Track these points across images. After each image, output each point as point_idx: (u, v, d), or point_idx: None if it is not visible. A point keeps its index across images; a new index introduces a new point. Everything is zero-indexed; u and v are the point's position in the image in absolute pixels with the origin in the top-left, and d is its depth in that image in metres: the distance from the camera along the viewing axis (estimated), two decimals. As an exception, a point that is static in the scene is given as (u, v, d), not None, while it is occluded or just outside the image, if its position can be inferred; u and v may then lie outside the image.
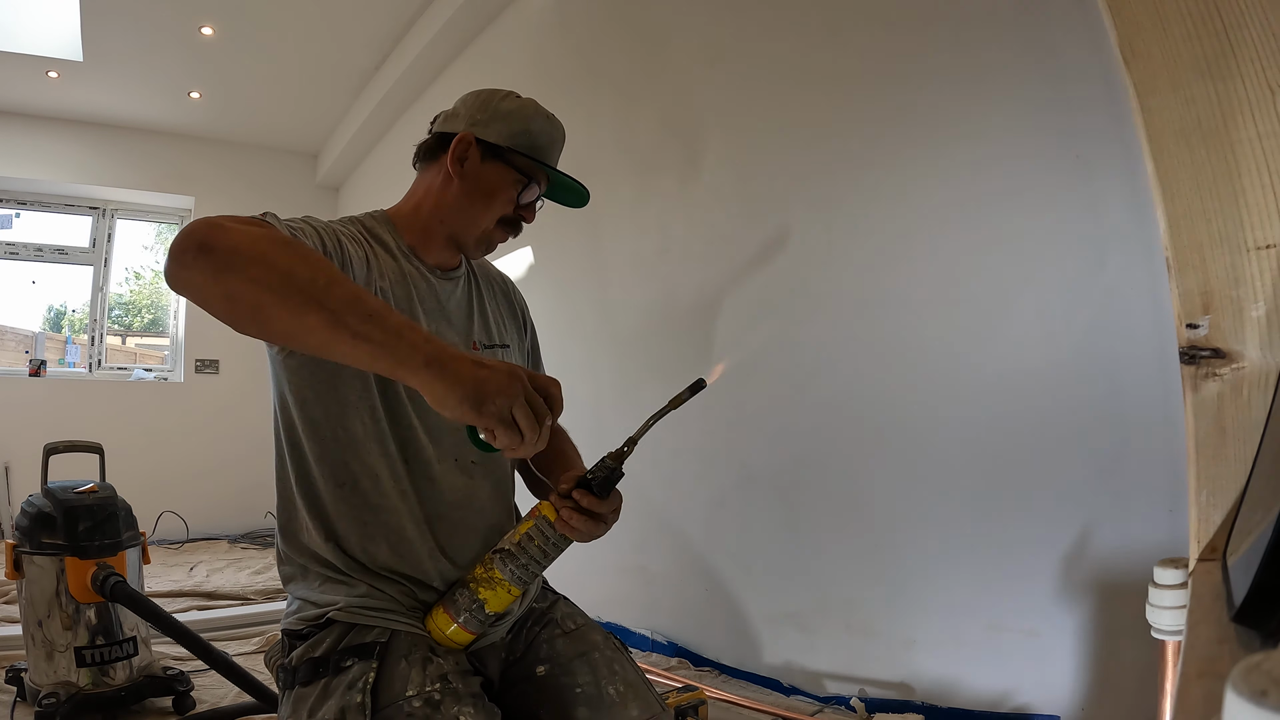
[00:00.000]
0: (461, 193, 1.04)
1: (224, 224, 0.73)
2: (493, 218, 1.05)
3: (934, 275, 1.67)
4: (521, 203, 1.07)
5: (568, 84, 2.92)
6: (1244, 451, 0.66)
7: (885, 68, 1.78)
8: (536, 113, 1.07)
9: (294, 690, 0.91)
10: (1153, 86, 0.71)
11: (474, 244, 1.07)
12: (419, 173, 1.10)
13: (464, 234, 1.06)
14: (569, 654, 1.01)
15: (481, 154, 1.03)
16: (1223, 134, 0.68)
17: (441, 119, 1.09)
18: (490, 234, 1.07)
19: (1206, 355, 0.68)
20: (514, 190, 1.05)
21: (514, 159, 1.04)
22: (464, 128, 1.04)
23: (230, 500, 4.76)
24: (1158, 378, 1.29)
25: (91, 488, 1.83)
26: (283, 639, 0.98)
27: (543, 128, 1.06)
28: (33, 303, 5.01)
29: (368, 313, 0.69)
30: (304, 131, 5.09)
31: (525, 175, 1.05)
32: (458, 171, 1.03)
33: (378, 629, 0.91)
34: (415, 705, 0.85)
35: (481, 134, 1.03)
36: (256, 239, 0.71)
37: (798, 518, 1.94)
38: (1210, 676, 0.40)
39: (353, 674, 0.87)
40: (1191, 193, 0.69)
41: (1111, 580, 1.36)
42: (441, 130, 1.06)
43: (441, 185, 1.05)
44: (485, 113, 1.05)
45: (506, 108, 1.05)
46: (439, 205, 1.05)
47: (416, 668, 0.88)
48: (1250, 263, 0.67)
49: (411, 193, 1.09)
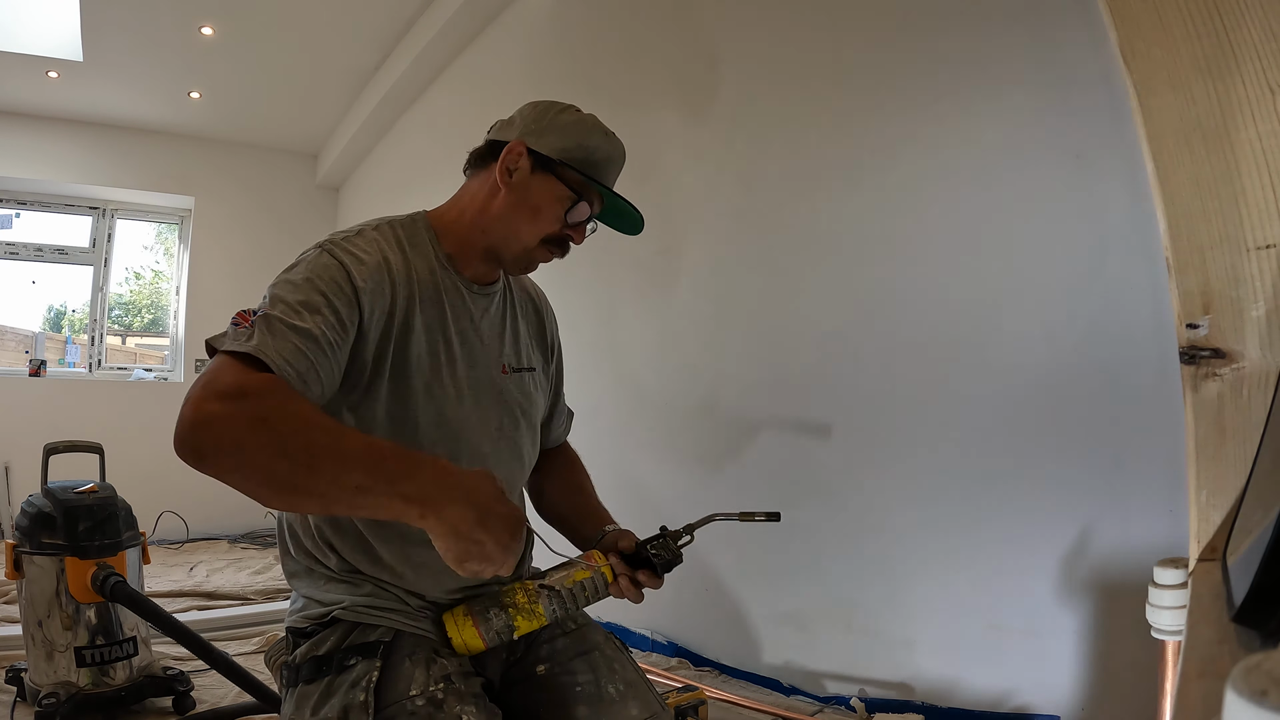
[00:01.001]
0: (507, 205, 0.98)
1: (205, 417, 0.73)
2: (537, 234, 0.99)
3: (934, 275, 1.67)
4: (570, 222, 0.99)
5: (567, 83, 2.92)
6: (1244, 451, 0.66)
7: (884, 69, 1.78)
8: (595, 128, 1.00)
9: (297, 688, 0.91)
10: (1153, 86, 0.71)
11: (514, 260, 1.02)
12: (468, 179, 1.05)
13: (505, 249, 1.00)
14: (569, 653, 1.01)
15: (532, 165, 0.97)
16: (1223, 134, 0.68)
17: (497, 127, 1.04)
18: (533, 252, 1.01)
19: (1206, 355, 0.68)
20: (562, 207, 0.98)
21: (566, 174, 0.97)
22: (517, 136, 0.98)
23: (230, 500, 4.66)
24: (1158, 378, 1.29)
25: (91, 488, 1.83)
26: (286, 636, 0.99)
27: (600, 144, 1.00)
28: (33, 303, 5.01)
29: (355, 486, 0.72)
30: (304, 131, 5.09)
31: (576, 193, 0.98)
32: (506, 182, 0.97)
33: (382, 628, 0.92)
34: (418, 704, 0.85)
35: (534, 144, 0.97)
36: (235, 436, 0.72)
37: (798, 518, 1.94)
38: (1210, 676, 0.40)
39: (356, 672, 0.88)
40: (1191, 193, 0.69)
41: (1111, 580, 1.36)
42: (495, 138, 1.01)
43: (488, 195, 1.00)
44: (541, 123, 0.99)
45: (564, 120, 0.99)
46: (483, 215, 1.00)
47: (420, 667, 0.88)
48: (1250, 263, 0.67)
49: (457, 199, 1.05)
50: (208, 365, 0.82)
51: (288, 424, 0.73)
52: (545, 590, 0.93)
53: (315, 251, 0.92)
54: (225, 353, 0.80)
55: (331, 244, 0.92)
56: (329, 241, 0.93)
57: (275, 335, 0.81)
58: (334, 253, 0.90)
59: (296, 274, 0.89)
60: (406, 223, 1.01)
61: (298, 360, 0.81)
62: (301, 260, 0.92)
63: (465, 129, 3.86)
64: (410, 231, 1.00)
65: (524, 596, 0.93)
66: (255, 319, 0.83)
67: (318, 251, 0.91)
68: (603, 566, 0.94)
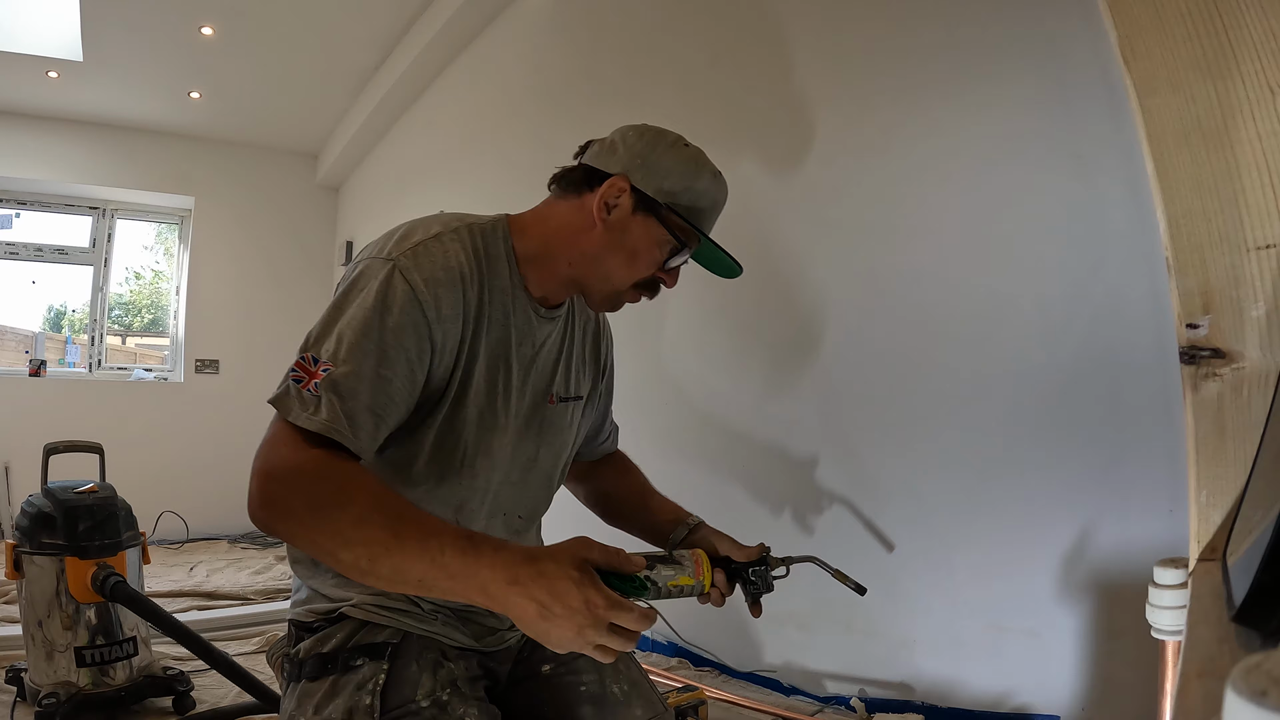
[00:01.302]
0: (603, 244, 0.92)
1: (269, 500, 0.75)
2: (630, 279, 0.94)
3: (932, 275, 1.67)
4: (666, 266, 0.95)
5: (567, 83, 2.92)
6: (1244, 451, 0.66)
7: (884, 69, 1.78)
8: (704, 168, 0.94)
9: (299, 684, 0.89)
10: (1153, 86, 0.71)
11: (601, 301, 0.97)
12: (554, 197, 0.97)
13: (593, 288, 0.95)
14: (575, 652, 1.02)
15: (634, 204, 0.90)
16: (1223, 134, 0.68)
17: (595, 150, 0.95)
18: (623, 295, 0.96)
19: (1206, 355, 0.68)
20: (662, 252, 0.93)
21: (669, 218, 0.91)
22: (620, 170, 0.91)
23: (230, 500, 4.71)
24: (1158, 378, 1.29)
25: (91, 488, 1.83)
26: (289, 628, 0.97)
27: (708, 188, 0.93)
28: (33, 303, 5.01)
29: (417, 580, 0.72)
30: (304, 131, 5.09)
31: (678, 238, 0.92)
32: (603, 218, 0.91)
33: (390, 629, 0.90)
34: (423, 706, 0.85)
35: (638, 181, 0.90)
36: (300, 523, 0.75)
37: (797, 517, 1.94)
38: (1210, 676, 0.40)
39: (362, 674, 0.86)
40: (1191, 193, 0.69)
41: (1111, 580, 1.36)
42: (593, 164, 0.93)
43: (580, 226, 0.93)
44: (648, 158, 0.91)
45: (672, 158, 0.92)
46: (572, 247, 0.93)
47: (427, 672, 0.87)
48: (1250, 263, 0.67)
49: (541, 217, 0.97)
50: (273, 428, 0.79)
51: (347, 515, 0.73)
52: (649, 581, 0.89)
53: (385, 268, 0.82)
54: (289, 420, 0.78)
55: (405, 260, 0.83)
56: (403, 256, 0.83)
57: (343, 397, 0.78)
58: (408, 275, 0.82)
59: (366, 303, 0.81)
60: (488, 230, 0.93)
61: (365, 422, 0.79)
62: (369, 279, 0.83)
63: (465, 129, 3.87)
64: (490, 241, 0.93)
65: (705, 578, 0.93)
66: (322, 383, 0.78)
67: (388, 269, 0.82)
68: (705, 577, 0.93)
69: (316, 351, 0.80)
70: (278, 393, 0.80)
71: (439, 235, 0.88)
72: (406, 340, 0.81)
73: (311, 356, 0.80)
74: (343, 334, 0.80)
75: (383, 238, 0.88)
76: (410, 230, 0.88)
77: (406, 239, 0.86)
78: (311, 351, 0.80)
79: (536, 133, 3.09)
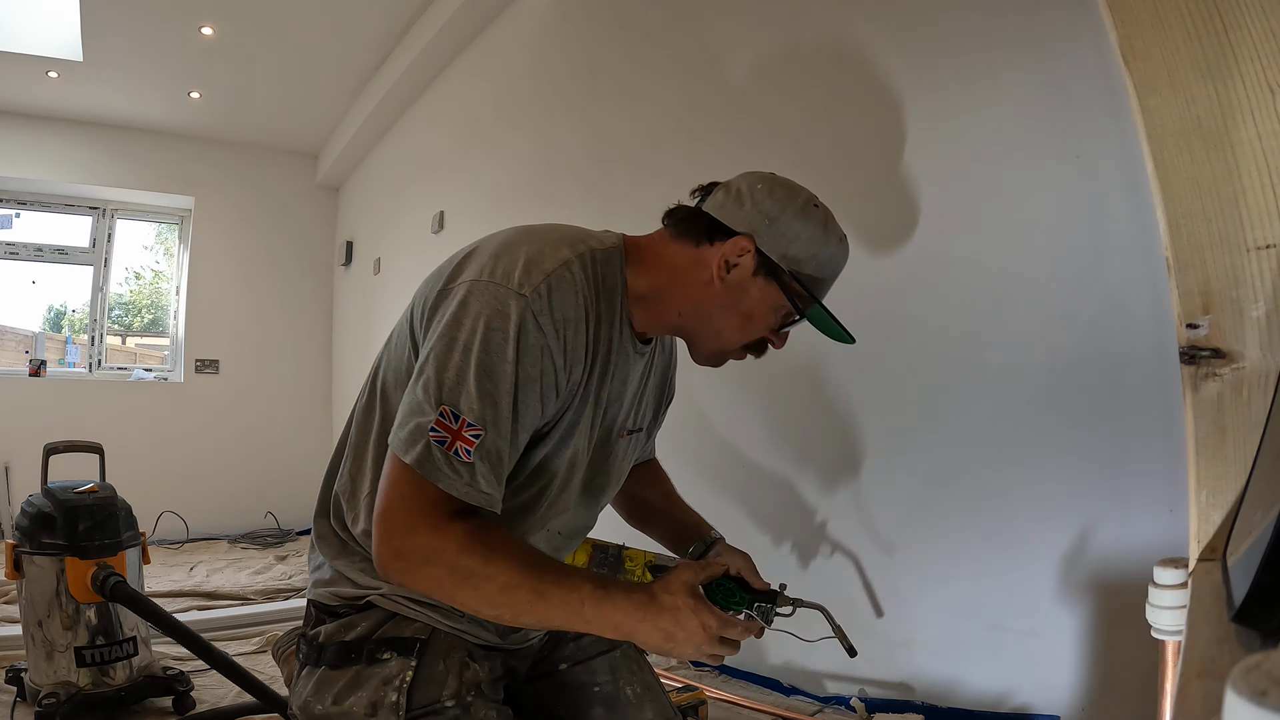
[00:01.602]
0: (719, 302, 0.89)
1: (409, 566, 0.77)
2: (742, 340, 0.93)
3: (931, 275, 1.67)
4: (780, 330, 0.94)
5: (568, 81, 2.92)
6: (1244, 451, 0.66)
7: (883, 68, 1.78)
8: (831, 235, 0.90)
9: (319, 670, 0.88)
10: (1153, 86, 0.71)
11: (706, 356, 0.95)
12: (671, 236, 0.92)
13: (701, 343, 0.94)
14: (591, 651, 1.03)
15: (755, 266, 0.87)
16: (1223, 134, 0.68)
17: (720, 200, 0.90)
18: (729, 353, 0.95)
19: (1206, 355, 0.68)
20: (777, 317, 0.91)
21: (790, 284, 0.89)
22: (745, 228, 0.87)
23: (230, 500, 4.75)
24: (1158, 378, 1.29)
25: (91, 488, 1.83)
26: (309, 609, 0.95)
27: (833, 256, 0.91)
28: (33, 303, 5.01)
29: (556, 625, 0.80)
30: (304, 131, 5.09)
31: (796, 306, 0.90)
32: (721, 276, 0.88)
33: (418, 624, 0.89)
34: (448, 707, 0.85)
35: (764, 245, 0.87)
36: (444, 589, 0.78)
37: (797, 517, 1.94)
38: (1210, 676, 0.40)
39: (390, 669, 0.85)
40: (1191, 193, 0.69)
41: (1111, 580, 1.36)
42: (717, 216, 0.89)
43: (697, 279, 0.89)
44: (776, 220, 0.88)
45: (801, 223, 0.88)
46: (685, 298, 0.90)
47: (453, 673, 0.87)
48: (1250, 263, 0.67)
49: (658, 257, 0.92)
50: (408, 486, 0.76)
51: (495, 584, 0.76)
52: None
53: (517, 308, 0.78)
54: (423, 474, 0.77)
55: (538, 302, 0.79)
56: (535, 296, 0.79)
57: (493, 464, 0.78)
58: (541, 319, 0.79)
59: (503, 351, 0.77)
60: (604, 259, 0.88)
61: (501, 480, 0.80)
62: (501, 318, 0.78)
63: (466, 128, 3.87)
64: (608, 271, 0.88)
65: (636, 579, 1.01)
66: (475, 451, 0.76)
67: (520, 309, 0.78)
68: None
69: (455, 405, 0.76)
70: (418, 453, 0.75)
71: (567, 264, 0.82)
72: (541, 389, 0.81)
73: (452, 412, 0.76)
74: (483, 388, 0.76)
75: (499, 256, 0.82)
76: (535, 255, 0.82)
77: (534, 267, 0.80)
78: (449, 404, 0.76)
79: (538, 131, 3.09)
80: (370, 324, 4.76)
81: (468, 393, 0.76)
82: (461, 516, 0.77)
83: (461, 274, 0.83)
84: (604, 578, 0.81)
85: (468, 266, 0.84)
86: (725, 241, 0.88)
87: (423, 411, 0.76)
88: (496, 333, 0.77)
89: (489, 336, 0.77)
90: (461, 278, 0.82)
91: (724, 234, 0.88)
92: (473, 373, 0.76)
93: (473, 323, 0.78)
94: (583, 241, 0.87)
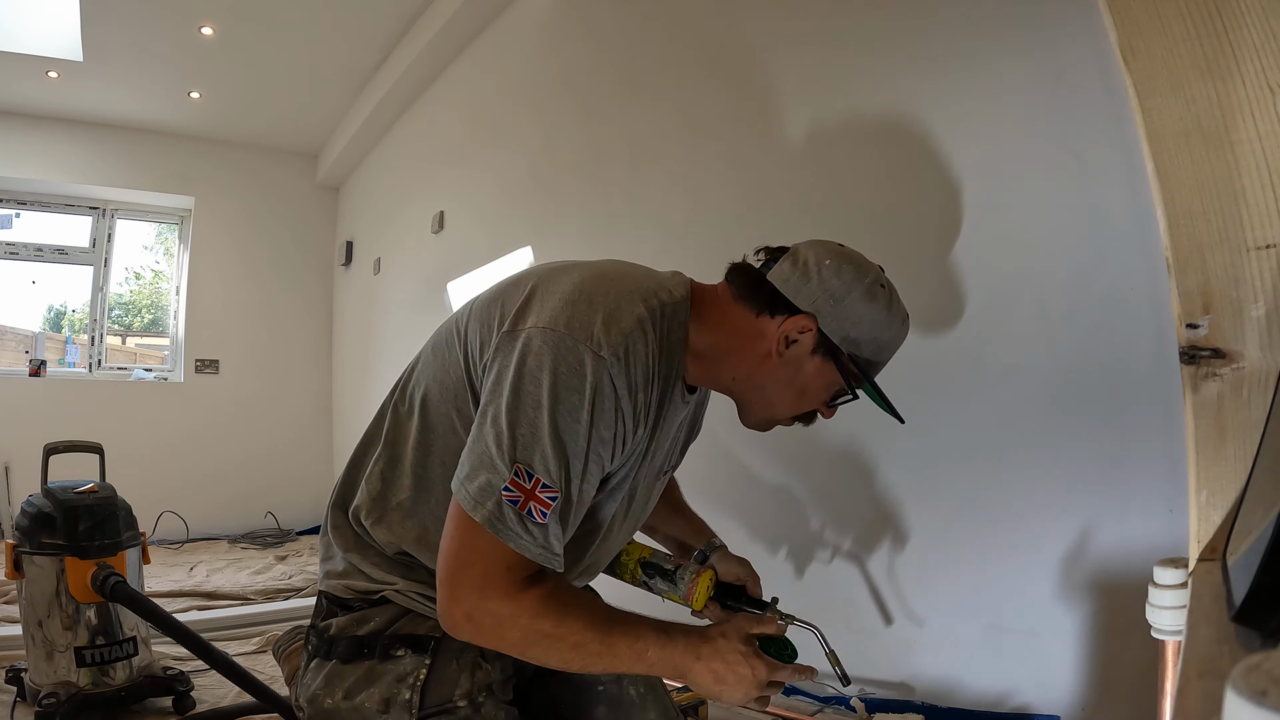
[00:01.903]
0: (774, 375, 0.89)
1: (481, 630, 0.79)
2: (792, 412, 0.94)
3: (930, 275, 1.67)
4: (831, 403, 0.95)
5: (567, 82, 2.92)
6: (1244, 451, 0.66)
7: (882, 68, 1.78)
8: (894, 318, 0.91)
9: (330, 663, 0.88)
10: (1153, 86, 0.71)
11: (755, 422, 0.96)
12: (733, 298, 0.91)
13: (752, 410, 0.94)
14: None
15: (814, 344, 0.88)
16: (1223, 134, 0.67)
17: (787, 272, 0.89)
18: (779, 422, 0.96)
19: (1206, 355, 0.68)
20: (830, 393, 0.92)
21: (847, 365, 0.89)
22: (809, 307, 0.87)
23: (230, 500, 4.76)
24: (1158, 378, 1.29)
25: (91, 488, 1.83)
26: (320, 600, 0.95)
27: (894, 338, 0.92)
28: (33, 303, 5.01)
29: (623, 670, 0.83)
30: (304, 131, 5.09)
31: (850, 385, 0.91)
32: (780, 351, 0.88)
33: (432, 621, 0.88)
34: (460, 706, 0.86)
35: (826, 325, 0.87)
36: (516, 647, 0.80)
37: (797, 517, 1.94)
38: (1210, 676, 0.40)
39: (404, 666, 0.86)
40: (1191, 193, 0.69)
41: (1111, 580, 1.36)
42: (781, 288, 0.88)
43: (755, 349, 0.89)
44: (841, 300, 0.87)
45: (865, 305, 0.88)
46: (740, 365, 0.90)
47: (466, 672, 0.88)
48: (1250, 263, 0.66)
49: (721, 316, 0.90)
50: (477, 542, 0.76)
51: (566, 643, 0.79)
52: (645, 584, 1.05)
53: (594, 368, 0.77)
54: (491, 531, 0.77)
55: (615, 365, 0.78)
56: (613, 358, 0.78)
57: (565, 526, 0.79)
58: (616, 381, 0.78)
59: (577, 413, 0.76)
60: (670, 313, 0.86)
61: (569, 532, 0.81)
62: (577, 377, 0.77)
63: (466, 128, 3.87)
64: (673, 326, 0.86)
65: (629, 575, 1.06)
66: (550, 514, 0.76)
67: (597, 369, 0.77)
68: (697, 601, 1.05)
69: (529, 464, 0.75)
70: (489, 512, 0.75)
71: (641, 322, 0.81)
72: (611, 450, 0.81)
73: (526, 471, 0.75)
74: (558, 449, 0.76)
75: (573, 304, 0.80)
76: (613, 309, 0.80)
77: (612, 325, 0.79)
78: (523, 463, 0.75)
79: (539, 130, 3.09)
80: (370, 324, 4.76)
81: (543, 453, 0.75)
82: (535, 580, 0.78)
83: (528, 315, 0.81)
84: (663, 623, 0.84)
85: (534, 307, 0.82)
86: (788, 318, 0.87)
87: (495, 469, 0.75)
88: (573, 393, 0.76)
89: (565, 396, 0.76)
90: (529, 321, 0.80)
91: (786, 308, 0.88)
92: (547, 431, 0.75)
93: (549, 379, 0.76)
94: (654, 293, 0.85)
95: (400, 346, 4.32)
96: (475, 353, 0.85)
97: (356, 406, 4.96)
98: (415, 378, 0.93)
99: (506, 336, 0.80)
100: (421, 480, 0.89)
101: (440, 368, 0.90)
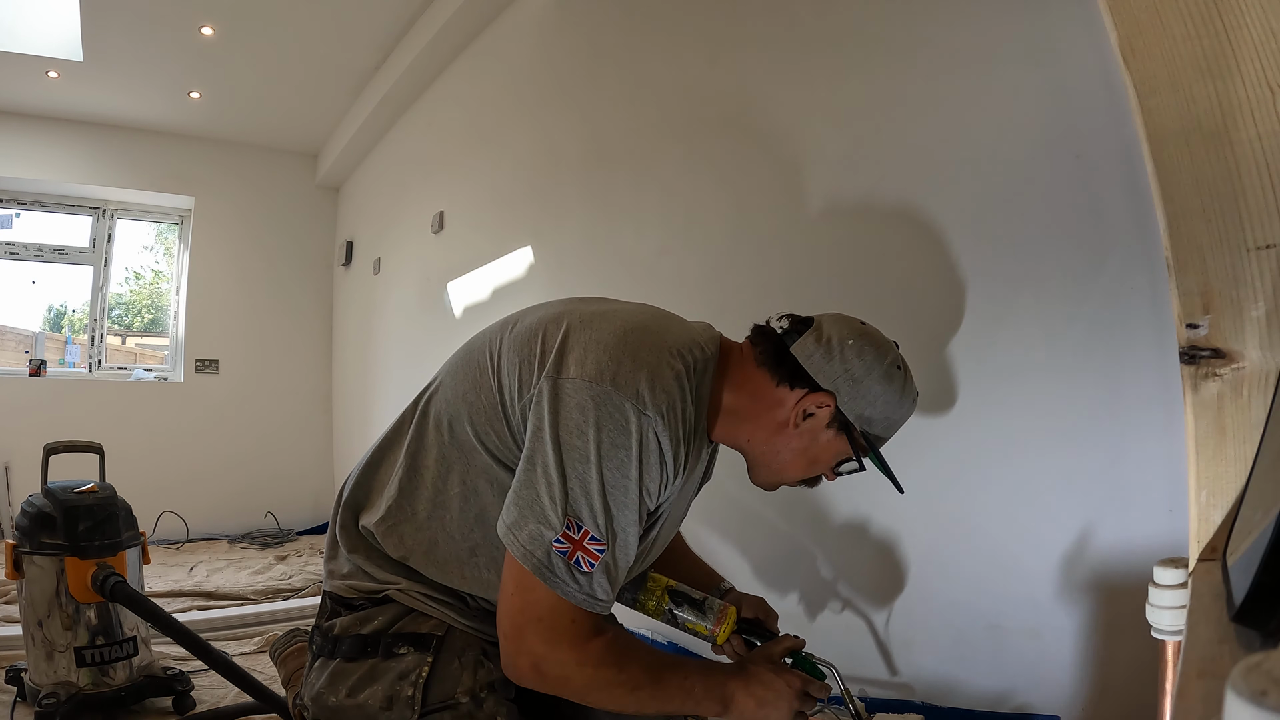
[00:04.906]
0: (788, 443, 0.94)
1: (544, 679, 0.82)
2: (801, 476, 0.99)
3: (930, 275, 1.67)
4: (837, 469, 1.00)
5: (567, 83, 2.92)
6: (1244, 451, 0.66)
7: (881, 68, 1.78)
8: (906, 398, 0.95)
9: (334, 662, 0.89)
10: (1153, 86, 0.71)
11: (764, 483, 1.01)
12: (756, 363, 0.95)
13: (763, 471, 0.99)
14: None
15: (830, 420, 0.93)
16: (1223, 134, 0.67)
17: (809, 345, 0.93)
18: (786, 484, 1.01)
19: (1206, 355, 0.68)
20: (838, 461, 0.98)
21: (858, 440, 0.94)
22: (830, 386, 0.91)
23: (230, 500, 4.76)
24: (1158, 378, 1.29)
25: (91, 488, 1.83)
26: (324, 600, 0.96)
27: (903, 416, 0.97)
28: (33, 303, 5.01)
29: (674, 710, 0.86)
30: (304, 131, 5.09)
31: (858, 457, 0.96)
32: (796, 422, 0.93)
33: (435, 620, 0.90)
34: (462, 702, 0.87)
35: (844, 404, 0.92)
36: (577, 694, 0.83)
37: (797, 516, 1.94)
38: (1210, 676, 0.40)
39: (406, 664, 0.87)
40: (1191, 193, 0.69)
41: (1111, 580, 1.36)
42: (806, 368, 0.92)
43: (772, 416, 0.93)
44: (860, 383, 0.91)
45: (882, 387, 0.92)
46: (757, 429, 0.94)
47: (468, 670, 0.89)
48: (1250, 263, 0.66)
49: (743, 378, 0.94)
50: (545, 598, 0.79)
51: (623, 688, 0.82)
52: (670, 614, 1.06)
53: (639, 421, 0.80)
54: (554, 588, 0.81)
55: (660, 424, 0.81)
56: (659, 417, 0.81)
57: (614, 581, 0.83)
58: (661, 439, 0.82)
59: (625, 468, 0.80)
60: (701, 369, 0.91)
61: (618, 580, 0.84)
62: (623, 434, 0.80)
63: (466, 128, 3.87)
64: (702, 383, 0.90)
65: (654, 603, 1.06)
66: (598, 566, 0.79)
67: (642, 427, 0.80)
68: (722, 634, 1.05)
69: (579, 517, 0.79)
70: (539, 560, 0.78)
71: (680, 379, 0.85)
72: (653, 503, 0.85)
73: (575, 522, 0.79)
74: (606, 504, 0.80)
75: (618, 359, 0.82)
76: (655, 368, 0.83)
77: (656, 384, 0.82)
78: (573, 516, 0.79)
79: (539, 131, 3.09)
80: (370, 324, 4.76)
81: (591, 507, 0.79)
82: (599, 630, 0.82)
83: (568, 362, 0.83)
84: (703, 660, 0.91)
85: (574, 353, 0.84)
86: (808, 394, 0.91)
87: (545, 520, 0.79)
88: (620, 449, 0.80)
89: (613, 452, 0.79)
90: (573, 370, 0.82)
91: (806, 383, 0.92)
92: (596, 486, 0.79)
93: (594, 433, 0.79)
94: (689, 350, 0.89)
95: (400, 347, 4.32)
96: (512, 387, 0.87)
97: (356, 407, 4.96)
98: (442, 389, 0.95)
99: (549, 384, 0.82)
100: (440, 495, 0.91)
101: (471, 387, 0.91)
